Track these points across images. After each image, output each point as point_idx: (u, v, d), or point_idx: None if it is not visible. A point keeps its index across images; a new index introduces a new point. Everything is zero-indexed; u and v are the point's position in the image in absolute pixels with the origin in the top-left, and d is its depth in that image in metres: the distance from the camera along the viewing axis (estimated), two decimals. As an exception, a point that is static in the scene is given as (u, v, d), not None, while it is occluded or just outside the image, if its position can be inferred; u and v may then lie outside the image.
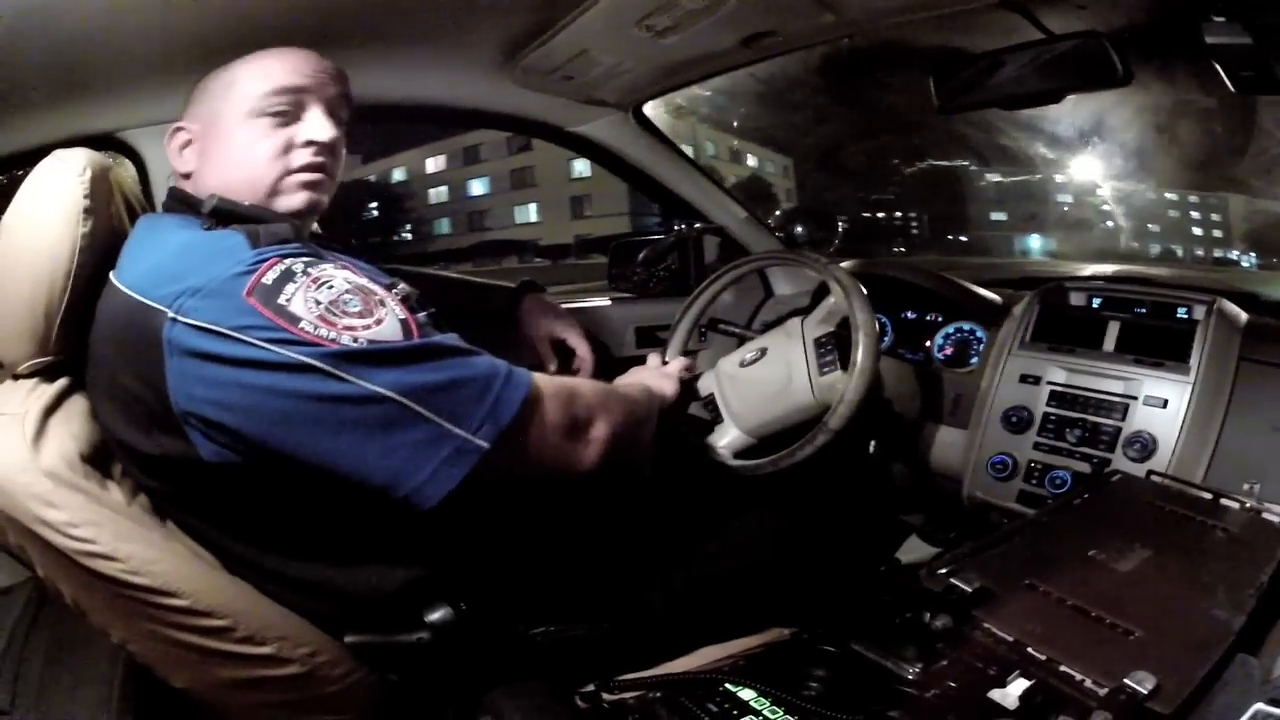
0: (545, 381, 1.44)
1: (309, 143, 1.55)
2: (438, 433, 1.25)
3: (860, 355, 1.95)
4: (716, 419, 2.17)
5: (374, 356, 1.22)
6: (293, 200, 1.56)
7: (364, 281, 1.31)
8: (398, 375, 1.23)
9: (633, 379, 2.03)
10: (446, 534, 1.43)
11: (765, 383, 2.15)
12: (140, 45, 1.76)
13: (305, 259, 1.29)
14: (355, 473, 1.24)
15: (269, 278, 1.22)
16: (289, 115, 1.54)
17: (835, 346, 2.11)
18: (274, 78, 1.53)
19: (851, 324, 1.99)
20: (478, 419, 1.28)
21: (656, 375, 2.05)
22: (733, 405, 2.16)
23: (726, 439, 2.12)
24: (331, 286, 1.26)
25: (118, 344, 1.32)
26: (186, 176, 1.55)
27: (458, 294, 2.50)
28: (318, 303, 1.22)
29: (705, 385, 2.25)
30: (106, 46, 1.74)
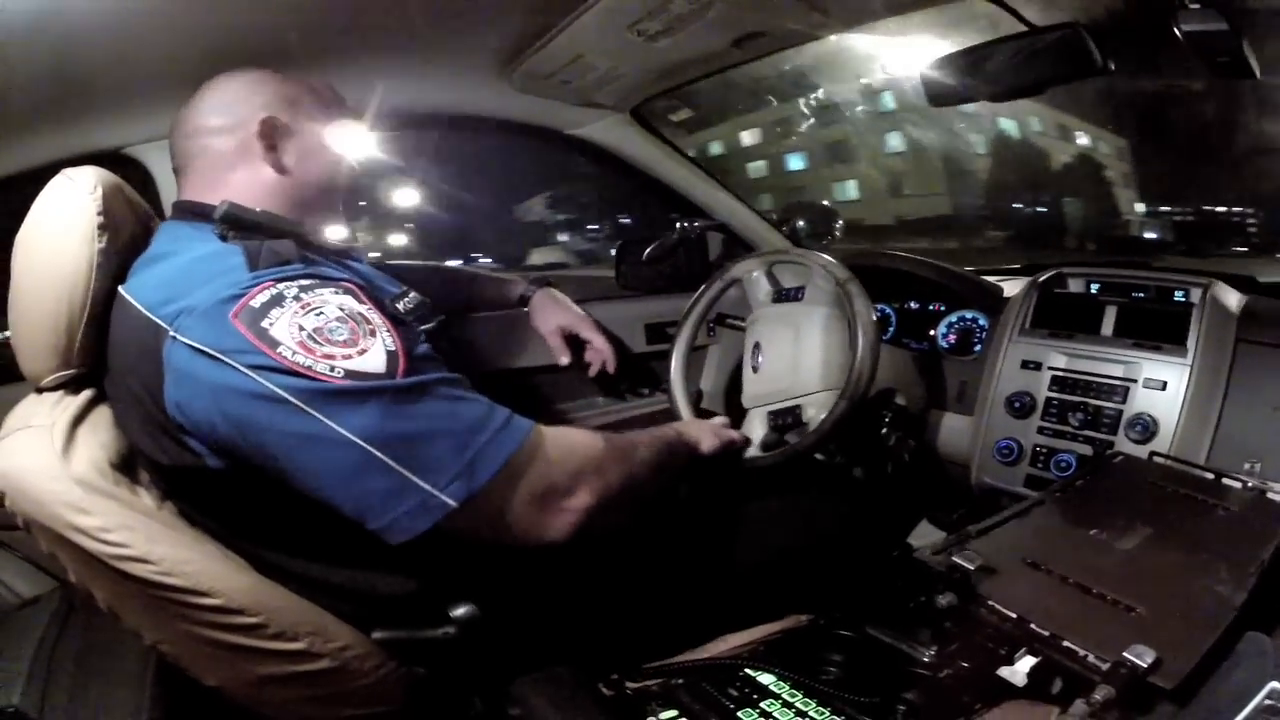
0: (546, 438, 1.41)
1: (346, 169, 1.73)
2: (402, 484, 1.22)
3: (808, 259, 2.18)
4: (798, 419, 2.13)
5: (349, 395, 1.21)
6: (341, 210, 1.71)
7: (362, 309, 1.31)
8: (369, 420, 1.21)
9: (675, 426, 1.94)
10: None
11: (785, 353, 2.20)
12: (143, 61, 1.79)
13: (301, 282, 1.30)
14: (327, 501, 1.24)
15: (258, 301, 1.24)
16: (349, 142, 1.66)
17: (789, 283, 2.26)
18: (348, 110, 1.69)
19: (850, 309, 2.05)
20: (449, 475, 1.25)
21: (702, 427, 1.99)
22: (789, 388, 2.17)
23: (819, 408, 2.09)
24: (321, 313, 1.26)
25: (128, 356, 1.35)
26: (281, 171, 1.58)
27: (476, 288, 2.56)
28: (301, 329, 1.22)
29: (757, 419, 2.22)
30: (110, 63, 1.77)
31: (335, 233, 1.74)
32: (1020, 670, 1.14)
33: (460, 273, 2.65)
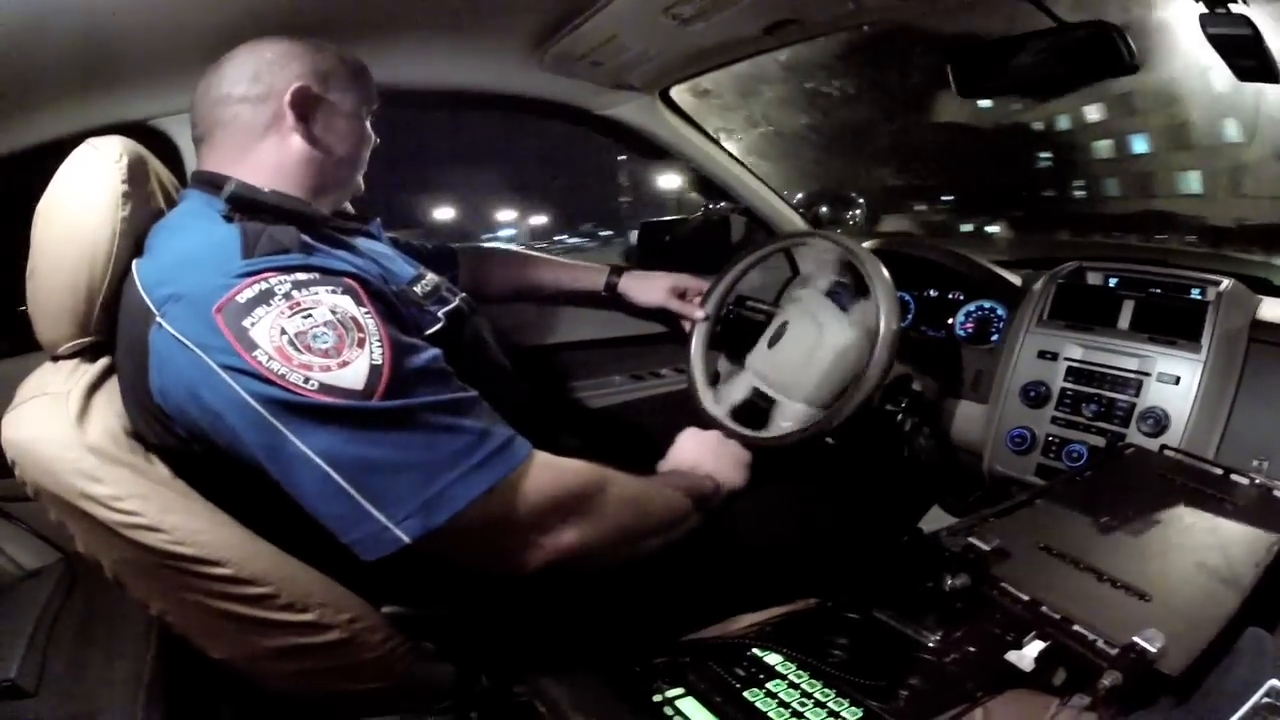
0: (537, 472, 1.36)
1: (370, 143, 1.72)
2: (357, 512, 1.20)
3: (875, 281, 2.06)
4: (769, 404, 2.17)
5: (318, 412, 1.18)
6: (359, 188, 1.71)
7: (356, 313, 1.26)
8: (334, 441, 1.19)
9: (705, 463, 1.90)
10: None
11: (801, 348, 2.19)
12: (170, 33, 1.78)
13: (297, 276, 1.27)
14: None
15: (244, 296, 1.21)
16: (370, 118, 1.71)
17: (845, 286, 2.18)
18: (373, 85, 1.69)
19: (864, 275, 2.08)
20: (406, 509, 1.21)
21: (734, 463, 1.94)
22: (781, 382, 2.19)
23: (789, 418, 2.12)
24: (309, 316, 1.22)
25: (128, 331, 1.36)
26: (313, 142, 1.57)
27: (548, 273, 2.56)
28: (283, 332, 1.19)
29: (743, 383, 2.27)
30: (136, 34, 1.76)
31: (356, 203, 1.76)
32: (1028, 655, 1.15)
33: (535, 258, 2.62)
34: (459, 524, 1.24)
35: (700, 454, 1.92)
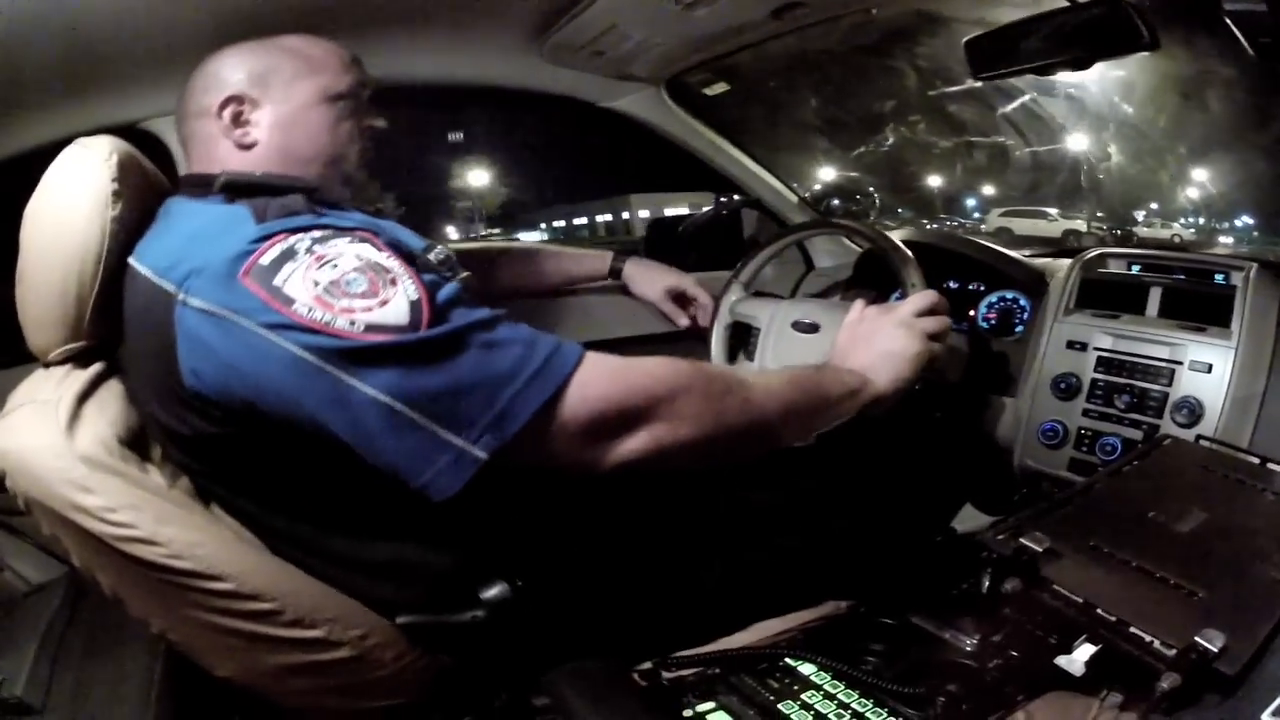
0: (597, 373, 1.31)
1: (370, 128, 1.67)
2: (432, 442, 1.18)
3: (906, 271, 2.01)
4: None
5: (368, 354, 1.16)
6: (359, 178, 1.64)
7: (379, 258, 1.25)
8: (392, 376, 1.17)
9: (857, 357, 1.80)
10: (497, 511, 1.39)
11: (815, 353, 2.12)
12: (160, 33, 1.77)
13: (313, 234, 1.25)
14: (363, 459, 1.21)
15: (267, 257, 1.20)
16: (359, 104, 1.64)
17: (864, 286, 2.12)
18: (353, 70, 1.64)
19: (903, 284, 2.02)
20: (479, 427, 1.20)
21: (897, 360, 1.80)
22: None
23: None
24: (336, 265, 1.21)
25: (141, 326, 1.32)
26: (248, 148, 1.53)
27: (557, 265, 2.58)
28: (316, 283, 1.18)
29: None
30: (126, 34, 1.76)
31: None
32: (1078, 659, 1.11)
33: (538, 251, 2.65)
34: (532, 432, 1.23)
35: (851, 346, 1.85)
